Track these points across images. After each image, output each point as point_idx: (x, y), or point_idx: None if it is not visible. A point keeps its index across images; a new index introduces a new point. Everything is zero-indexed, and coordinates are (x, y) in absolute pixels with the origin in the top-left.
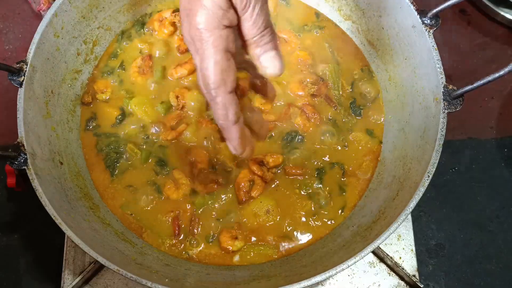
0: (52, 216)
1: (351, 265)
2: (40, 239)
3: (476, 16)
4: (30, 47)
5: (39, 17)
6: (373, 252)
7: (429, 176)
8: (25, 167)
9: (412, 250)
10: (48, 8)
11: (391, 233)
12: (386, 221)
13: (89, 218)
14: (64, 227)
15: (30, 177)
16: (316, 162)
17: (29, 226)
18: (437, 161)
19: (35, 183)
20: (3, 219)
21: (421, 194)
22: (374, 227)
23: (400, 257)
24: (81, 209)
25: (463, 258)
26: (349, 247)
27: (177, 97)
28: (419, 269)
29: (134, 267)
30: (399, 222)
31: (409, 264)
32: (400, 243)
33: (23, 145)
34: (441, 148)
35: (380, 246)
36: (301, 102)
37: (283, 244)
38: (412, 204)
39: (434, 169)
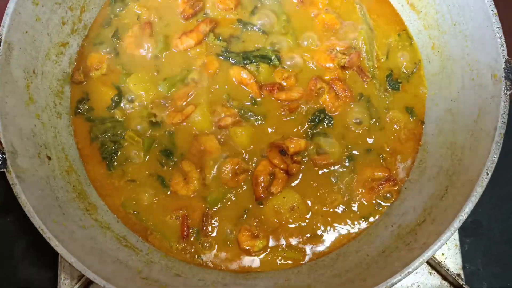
0: (39, 230)
1: (395, 283)
2: None
3: None
4: (3, 20)
5: None
6: None
7: (488, 174)
8: (4, 169)
9: (456, 245)
10: None
11: (443, 244)
12: (434, 226)
13: (84, 224)
14: (53, 242)
15: (10, 182)
16: (347, 149)
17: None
18: (497, 155)
19: (17, 189)
20: None
21: (478, 196)
22: (419, 231)
23: (443, 253)
24: (75, 212)
25: (502, 236)
26: (390, 255)
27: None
28: None
29: (139, 283)
30: (452, 230)
31: (453, 261)
32: None
33: (0, 143)
34: (502, 139)
35: None
36: (329, 76)
37: (310, 246)
38: (468, 208)
39: (494, 165)
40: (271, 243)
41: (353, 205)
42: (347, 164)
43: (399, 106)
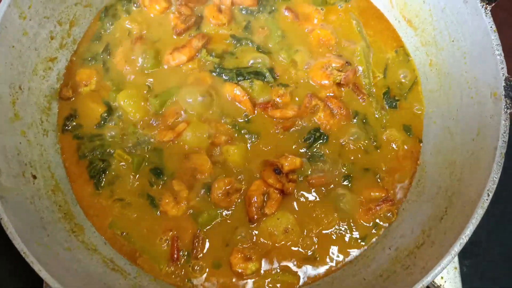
0: (22, 253)
1: None
2: None
3: None
4: None
5: None
6: None
7: (489, 195)
8: None
9: (455, 268)
10: None
11: (444, 268)
12: (433, 249)
13: (70, 246)
14: (37, 267)
15: None
16: (343, 168)
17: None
18: (498, 176)
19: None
20: None
21: (479, 218)
22: (418, 254)
23: (442, 277)
24: (60, 233)
25: (501, 256)
26: (388, 279)
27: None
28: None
29: None
30: (452, 254)
31: (453, 285)
32: None
33: None
34: (503, 159)
35: None
36: (324, 93)
37: (305, 270)
38: (469, 231)
39: (495, 186)
40: (264, 266)
41: (349, 226)
42: (343, 184)
43: (396, 125)
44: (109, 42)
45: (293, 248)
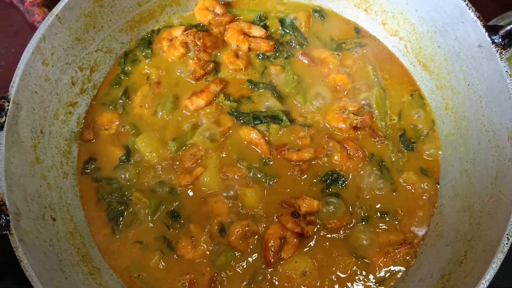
0: None
1: None
2: None
3: None
4: (13, 80)
5: (34, 29)
6: None
7: (509, 239)
8: (7, 231)
9: None
10: (44, 19)
11: None
12: None
13: None
14: None
15: (13, 245)
16: (360, 210)
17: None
18: None
19: (19, 252)
20: None
21: (499, 263)
22: None
23: None
24: (78, 276)
25: None
26: None
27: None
28: None
29: None
30: None
31: None
32: None
33: (4, 204)
34: None
35: None
36: (341, 136)
37: None
38: (489, 276)
39: None
40: None
41: (366, 269)
42: (360, 226)
43: (413, 167)
44: (128, 87)
45: None
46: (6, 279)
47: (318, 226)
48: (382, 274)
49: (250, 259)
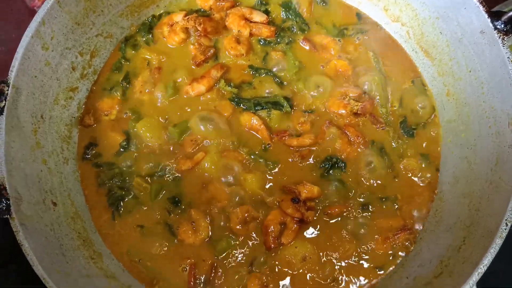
0: (42, 279)
1: None
2: None
3: None
4: (12, 64)
5: (34, 14)
6: None
7: (507, 224)
8: (8, 215)
9: None
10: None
11: None
12: (452, 279)
13: (89, 273)
14: None
15: (14, 229)
16: (360, 197)
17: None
18: None
19: (20, 237)
20: None
21: (497, 248)
22: (436, 284)
23: None
24: (79, 260)
25: None
26: None
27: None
28: None
29: None
30: (470, 284)
31: None
32: None
33: (4, 188)
34: None
35: None
36: (341, 122)
37: None
38: (487, 261)
39: None
40: None
41: (367, 255)
42: (360, 212)
43: (414, 154)
44: (129, 72)
45: (310, 276)
46: (9, 266)
47: (319, 210)
48: (381, 259)
49: (250, 244)
